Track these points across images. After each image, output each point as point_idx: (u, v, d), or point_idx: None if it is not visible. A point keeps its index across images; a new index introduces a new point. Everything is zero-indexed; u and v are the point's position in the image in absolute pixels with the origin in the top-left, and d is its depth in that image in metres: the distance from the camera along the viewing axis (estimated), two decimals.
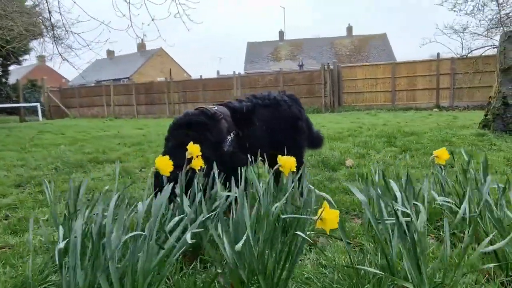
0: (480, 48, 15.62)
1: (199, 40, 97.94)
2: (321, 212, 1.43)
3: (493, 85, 6.97)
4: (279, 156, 1.96)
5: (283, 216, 1.66)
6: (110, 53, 39.71)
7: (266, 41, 34.98)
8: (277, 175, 2.11)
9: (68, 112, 23.37)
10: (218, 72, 28.23)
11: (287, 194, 1.87)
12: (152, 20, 6.18)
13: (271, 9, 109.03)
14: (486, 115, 6.80)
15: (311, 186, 2.03)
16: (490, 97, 6.82)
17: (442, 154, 2.40)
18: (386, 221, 1.64)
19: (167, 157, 1.95)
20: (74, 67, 8.42)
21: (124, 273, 1.47)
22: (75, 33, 7.27)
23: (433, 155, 2.43)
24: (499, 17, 14.34)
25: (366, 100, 17.57)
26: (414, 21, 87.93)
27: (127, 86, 23.62)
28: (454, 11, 15.63)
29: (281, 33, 35.81)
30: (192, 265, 1.99)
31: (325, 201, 1.49)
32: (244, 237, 1.52)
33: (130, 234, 1.49)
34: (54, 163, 5.33)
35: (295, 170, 1.98)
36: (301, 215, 1.76)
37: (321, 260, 2.03)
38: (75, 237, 1.46)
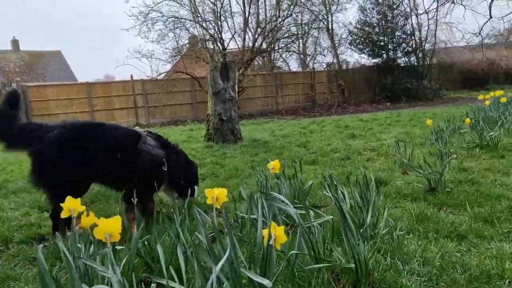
0: (166, 72, 18.09)
1: None
2: None
3: (208, 104, 8.50)
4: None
5: None
6: None
7: None
8: None
9: None
10: None
11: None
12: None
13: None
14: (208, 130, 8.24)
15: None
16: (208, 114, 8.31)
17: (275, 165, 3.05)
18: None
19: None
20: None
21: None
22: None
23: (271, 167, 3.03)
24: (178, 47, 17.15)
25: None
26: (91, 42, 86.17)
27: None
28: (142, 37, 17.27)
29: None
30: None
31: None
32: None
33: None
34: None
35: None
36: None
37: None
38: None
